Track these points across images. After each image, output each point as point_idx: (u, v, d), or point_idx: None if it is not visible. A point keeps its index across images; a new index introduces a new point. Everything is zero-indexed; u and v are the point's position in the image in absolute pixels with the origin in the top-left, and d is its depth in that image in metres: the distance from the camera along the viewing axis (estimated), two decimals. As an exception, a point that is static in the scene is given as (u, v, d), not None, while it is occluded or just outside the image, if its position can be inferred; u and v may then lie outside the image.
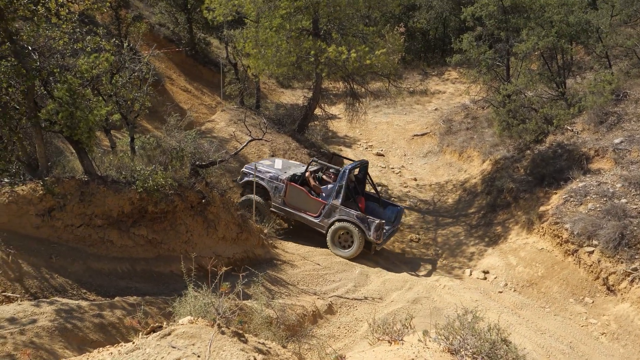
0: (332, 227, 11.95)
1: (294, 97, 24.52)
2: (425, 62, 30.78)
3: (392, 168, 19.62)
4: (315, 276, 10.64)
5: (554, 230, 11.70)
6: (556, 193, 12.85)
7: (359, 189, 13.18)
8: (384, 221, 11.97)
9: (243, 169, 12.44)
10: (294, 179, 12.38)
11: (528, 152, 15.73)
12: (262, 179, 12.03)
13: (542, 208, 12.76)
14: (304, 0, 15.05)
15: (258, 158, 14.93)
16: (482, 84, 18.81)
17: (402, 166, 19.93)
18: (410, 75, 28.40)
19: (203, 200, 9.46)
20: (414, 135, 22.17)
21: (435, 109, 24.46)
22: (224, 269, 4.03)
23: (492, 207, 14.86)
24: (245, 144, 11.43)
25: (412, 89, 26.11)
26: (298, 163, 14.03)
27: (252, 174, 11.73)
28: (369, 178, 13.62)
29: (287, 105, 22.37)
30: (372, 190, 13.76)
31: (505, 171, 15.62)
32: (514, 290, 11.31)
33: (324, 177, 13.06)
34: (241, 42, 16.36)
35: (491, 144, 17.82)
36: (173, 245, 8.91)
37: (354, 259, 11.89)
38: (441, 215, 15.97)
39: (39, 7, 7.22)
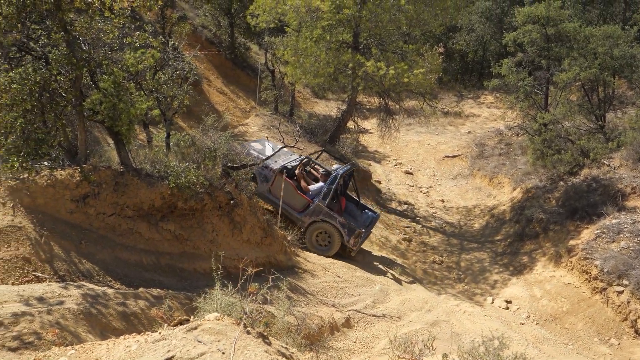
0: (313, 225, 12.05)
1: (327, 107, 24.65)
2: (461, 84, 30.64)
3: (420, 187, 19.49)
4: (335, 288, 10.59)
5: (582, 266, 11.43)
6: (588, 228, 12.57)
7: (342, 190, 13.33)
8: (363, 230, 12.21)
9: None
10: (283, 170, 12.31)
11: (561, 183, 15.44)
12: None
13: (571, 242, 12.48)
14: (346, 14, 15.18)
15: (287, 165, 14.99)
16: (518, 111, 18.62)
17: (430, 186, 19.78)
18: (445, 95, 28.29)
19: (231, 202, 9.54)
20: (445, 157, 22.01)
21: (469, 132, 24.26)
22: (254, 270, 4.05)
23: (519, 236, 14.60)
24: (277, 150, 11.49)
25: (446, 109, 25.99)
26: (287, 150, 13.95)
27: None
28: (353, 182, 13.73)
29: (320, 115, 22.50)
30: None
31: (536, 201, 15.35)
32: (537, 324, 11.06)
33: (312, 170, 13.16)
34: (281, 49, 16.59)
35: (523, 172, 17.56)
36: (198, 243, 8.99)
37: (375, 273, 11.82)
38: (466, 240, 15.76)
39: (94, 0, 7.44)
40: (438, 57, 18.08)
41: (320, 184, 12.39)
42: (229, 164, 9.93)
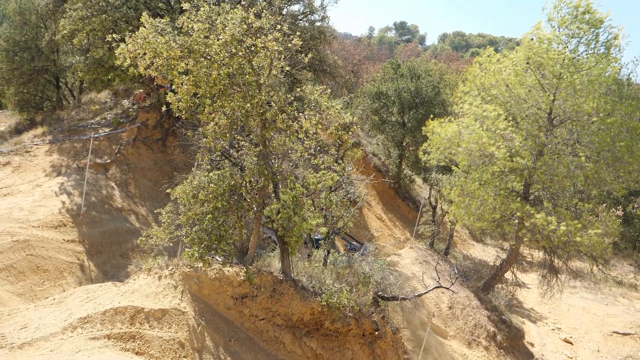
0: None
1: (484, 252, 23.61)
2: (640, 253, 27.37)
3: (581, 362, 17.08)
4: None
5: None
6: None
7: None
8: None
9: None
10: None
11: None
12: None
13: None
14: (520, 163, 14.92)
15: (435, 305, 14.38)
16: None
17: (593, 364, 17.22)
18: (619, 263, 25.42)
19: (376, 332, 9.29)
20: (614, 332, 19.22)
21: (646, 310, 21.12)
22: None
23: None
24: (431, 288, 11.11)
25: (620, 279, 23.17)
26: None
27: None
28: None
29: (476, 259, 21.57)
30: None
31: None
32: None
33: None
34: (447, 187, 16.65)
35: None
36: (335, 368, 8.77)
37: None
38: None
39: (294, 123, 8.39)
40: (615, 220, 16.56)
41: None
42: (380, 293, 9.82)
